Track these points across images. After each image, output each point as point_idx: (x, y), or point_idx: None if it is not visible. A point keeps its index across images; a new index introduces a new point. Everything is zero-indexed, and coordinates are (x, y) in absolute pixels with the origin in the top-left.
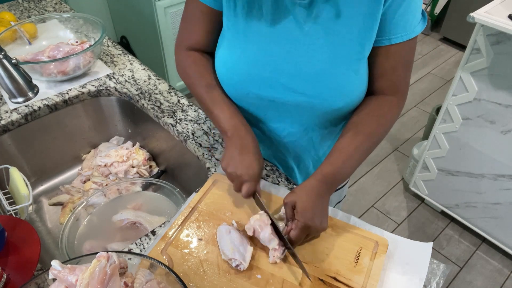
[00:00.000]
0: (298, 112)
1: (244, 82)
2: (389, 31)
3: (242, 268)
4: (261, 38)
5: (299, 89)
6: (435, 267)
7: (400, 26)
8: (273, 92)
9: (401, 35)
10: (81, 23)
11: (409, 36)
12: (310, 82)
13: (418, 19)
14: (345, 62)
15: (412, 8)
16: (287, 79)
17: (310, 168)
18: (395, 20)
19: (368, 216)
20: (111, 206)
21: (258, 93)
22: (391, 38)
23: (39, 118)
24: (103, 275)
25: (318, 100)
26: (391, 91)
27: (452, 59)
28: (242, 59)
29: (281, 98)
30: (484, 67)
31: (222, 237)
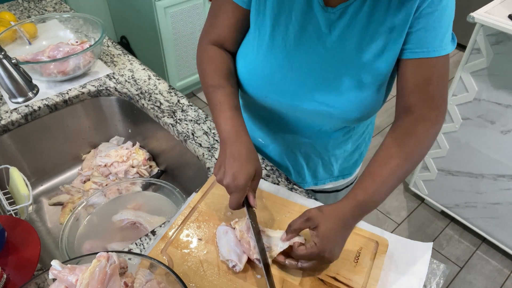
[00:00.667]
0: (316, 118)
1: (265, 85)
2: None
3: (238, 269)
4: (287, 44)
5: (319, 99)
6: (435, 267)
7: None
8: (293, 98)
9: (429, 49)
10: (81, 23)
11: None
12: (331, 93)
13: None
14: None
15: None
16: (308, 88)
17: (318, 167)
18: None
19: (368, 216)
20: (111, 206)
21: (277, 97)
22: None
23: (39, 118)
24: (103, 275)
25: (337, 111)
26: (426, 108)
27: (452, 59)
28: (265, 63)
29: (300, 105)
30: (484, 67)
31: (220, 238)
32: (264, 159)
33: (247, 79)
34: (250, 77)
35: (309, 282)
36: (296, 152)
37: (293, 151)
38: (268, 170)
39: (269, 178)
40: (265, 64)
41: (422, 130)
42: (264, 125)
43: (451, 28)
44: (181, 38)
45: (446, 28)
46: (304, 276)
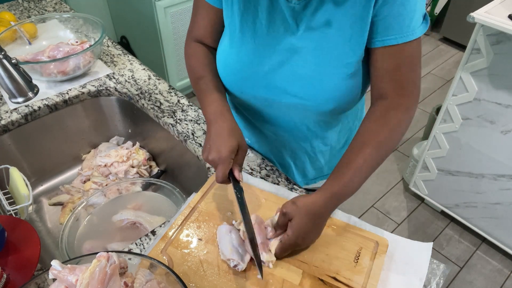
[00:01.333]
0: (292, 112)
1: (239, 81)
2: (382, 32)
3: (240, 268)
4: (256, 39)
5: (292, 91)
6: (435, 267)
7: (394, 28)
8: (267, 92)
9: (396, 36)
10: (81, 23)
11: (405, 38)
12: (303, 84)
13: (418, 22)
14: (337, 65)
15: (408, 10)
16: (280, 81)
17: (306, 165)
18: (387, 21)
19: (368, 216)
20: (111, 206)
21: (252, 93)
22: (384, 39)
23: (39, 118)
24: (103, 275)
25: (311, 102)
26: (397, 94)
27: (452, 59)
28: (237, 59)
29: (275, 99)
30: (484, 67)
31: (222, 237)
32: (264, 159)
33: (223, 76)
34: (225, 74)
35: (309, 282)
36: (281, 150)
37: (279, 149)
38: (268, 170)
39: (269, 178)
40: (237, 60)
41: (394, 117)
42: (248, 123)
43: (420, 10)
44: (181, 38)
45: (412, 12)
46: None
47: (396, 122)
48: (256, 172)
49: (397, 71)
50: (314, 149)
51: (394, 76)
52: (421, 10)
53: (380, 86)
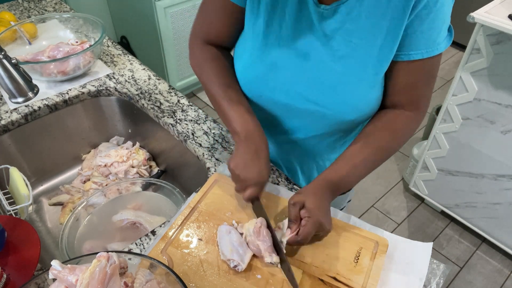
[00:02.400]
0: (309, 119)
1: (259, 84)
2: (410, 46)
3: (240, 269)
4: (281, 42)
5: (312, 98)
6: (435, 267)
7: (421, 43)
8: (286, 97)
9: (422, 51)
10: (81, 23)
11: (431, 53)
12: (325, 93)
13: (443, 36)
14: (362, 76)
15: (436, 25)
16: (301, 87)
17: (313, 172)
18: (416, 36)
19: (368, 216)
20: (111, 206)
21: (271, 96)
22: (410, 54)
23: (39, 118)
24: (103, 275)
25: (331, 111)
26: (410, 107)
27: (452, 59)
28: (260, 61)
29: (294, 105)
30: (484, 67)
31: (222, 237)
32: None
33: (243, 77)
34: (245, 75)
35: (309, 282)
36: (290, 155)
37: (288, 153)
38: None
39: (269, 178)
40: (259, 63)
41: (400, 125)
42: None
43: (447, 25)
44: (181, 38)
45: (440, 28)
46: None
47: (401, 129)
48: None
49: (415, 87)
50: (323, 157)
51: (411, 91)
52: (448, 23)
53: (395, 99)
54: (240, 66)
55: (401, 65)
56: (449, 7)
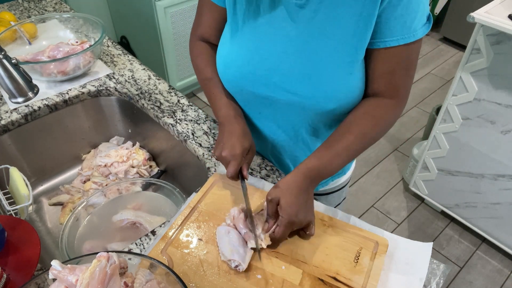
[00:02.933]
0: (290, 111)
1: (239, 78)
2: (384, 33)
3: (241, 269)
4: (257, 36)
5: (291, 89)
6: (435, 267)
7: (396, 29)
8: (266, 90)
9: (397, 38)
10: (81, 23)
11: (407, 40)
12: (302, 82)
13: (421, 22)
14: (338, 64)
15: (411, 11)
16: (280, 78)
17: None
18: (390, 23)
19: (368, 216)
20: (111, 206)
21: (251, 90)
22: (386, 41)
23: (39, 118)
24: (103, 275)
25: (310, 101)
26: (390, 94)
27: (452, 59)
28: (238, 56)
29: (274, 97)
30: (484, 67)
31: (222, 238)
32: (264, 159)
33: (224, 73)
34: (226, 71)
35: (309, 282)
36: (281, 152)
37: (279, 151)
38: (268, 170)
39: (269, 178)
40: (238, 57)
41: (381, 112)
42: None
43: (423, 11)
44: (181, 38)
45: (414, 14)
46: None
47: (382, 117)
48: (256, 172)
49: (393, 73)
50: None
51: (389, 78)
52: (424, 11)
53: (374, 87)
54: (221, 64)
55: (378, 52)
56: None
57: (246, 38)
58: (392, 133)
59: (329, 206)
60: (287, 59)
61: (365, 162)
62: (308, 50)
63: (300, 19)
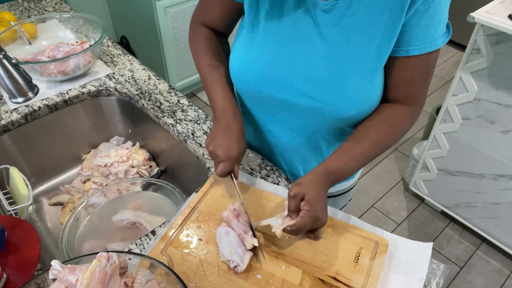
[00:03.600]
0: (308, 116)
1: (258, 81)
2: (408, 42)
3: (240, 270)
4: (280, 39)
5: (312, 94)
6: (435, 267)
7: (419, 38)
8: (286, 94)
9: (420, 47)
10: (81, 23)
11: (428, 49)
12: (324, 88)
13: (441, 32)
14: (360, 71)
15: (435, 21)
16: (301, 82)
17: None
18: (415, 32)
19: (368, 216)
20: (111, 206)
21: (270, 93)
22: (408, 49)
23: (39, 118)
24: (103, 275)
25: (330, 107)
26: (407, 102)
27: (452, 59)
28: (259, 58)
29: (293, 101)
30: (484, 67)
31: (221, 239)
32: (264, 159)
33: (242, 74)
34: (244, 72)
35: (309, 282)
36: (292, 154)
37: (290, 153)
38: (268, 170)
39: (269, 178)
40: (258, 59)
41: (398, 119)
42: (259, 125)
43: (444, 21)
44: (181, 38)
45: (438, 24)
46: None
47: (399, 124)
48: (256, 172)
49: (412, 81)
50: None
51: (409, 86)
52: (445, 20)
53: (393, 94)
54: (238, 64)
55: (399, 60)
56: (447, 3)
57: (267, 39)
58: None
59: (332, 207)
60: (310, 64)
61: None
62: (331, 56)
63: (324, 24)
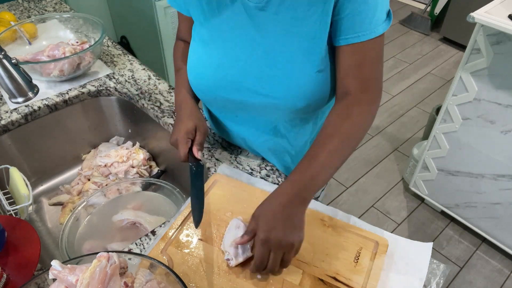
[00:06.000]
0: (266, 112)
1: (211, 86)
2: (346, 30)
3: (231, 264)
4: (224, 43)
5: (263, 91)
6: (435, 267)
7: (356, 26)
8: (240, 95)
9: (358, 35)
10: (81, 23)
11: (368, 36)
12: (272, 84)
13: (381, 19)
14: (302, 62)
15: (370, 7)
16: (251, 81)
17: (289, 164)
18: (350, 19)
19: (368, 216)
20: (111, 206)
21: (225, 96)
22: (347, 38)
23: (39, 118)
24: (103, 275)
25: (281, 101)
26: (360, 90)
27: (452, 59)
28: (208, 64)
29: (248, 100)
30: (484, 67)
31: (230, 229)
32: (264, 159)
33: (196, 83)
34: (197, 81)
35: (309, 282)
36: (263, 153)
37: (264, 151)
38: (268, 170)
39: (269, 178)
40: (208, 65)
41: (357, 111)
42: (227, 127)
43: (383, 7)
44: None
45: (373, 9)
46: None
47: (358, 116)
48: (256, 172)
49: (360, 68)
50: (294, 147)
51: (357, 73)
52: (383, 7)
53: (343, 83)
54: (192, 72)
55: (342, 49)
56: None
57: (213, 46)
58: (392, 133)
59: (329, 206)
60: (255, 62)
61: (365, 162)
62: (274, 52)
63: (262, 22)
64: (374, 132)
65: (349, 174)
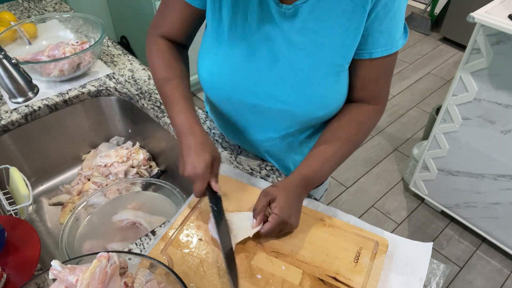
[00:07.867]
0: (279, 118)
1: (227, 87)
2: (371, 45)
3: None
4: (246, 45)
5: (281, 98)
6: (435, 267)
7: (381, 41)
8: (255, 98)
9: (382, 49)
10: (81, 23)
11: (390, 50)
12: (292, 91)
13: (400, 33)
14: (326, 73)
15: (394, 24)
16: (269, 87)
17: (291, 169)
18: (377, 35)
19: (368, 216)
20: (111, 206)
21: (240, 99)
22: (372, 52)
23: (39, 118)
24: (103, 275)
25: (299, 109)
26: (373, 101)
27: (452, 59)
28: (226, 65)
29: (263, 105)
30: (484, 67)
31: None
32: (264, 159)
33: (211, 82)
34: (213, 80)
35: (309, 282)
36: (266, 157)
37: (273, 154)
38: (268, 170)
39: (269, 178)
40: (225, 65)
41: (364, 118)
42: (234, 129)
43: (402, 23)
44: None
45: (398, 27)
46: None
47: (365, 122)
48: (256, 172)
49: (377, 82)
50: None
51: (373, 86)
52: (402, 23)
53: (359, 94)
54: (206, 71)
55: (363, 62)
56: (405, 6)
57: (233, 46)
58: (392, 133)
59: (328, 206)
60: (276, 68)
61: (365, 162)
62: (297, 60)
63: (289, 28)
64: (374, 132)
65: (349, 174)
